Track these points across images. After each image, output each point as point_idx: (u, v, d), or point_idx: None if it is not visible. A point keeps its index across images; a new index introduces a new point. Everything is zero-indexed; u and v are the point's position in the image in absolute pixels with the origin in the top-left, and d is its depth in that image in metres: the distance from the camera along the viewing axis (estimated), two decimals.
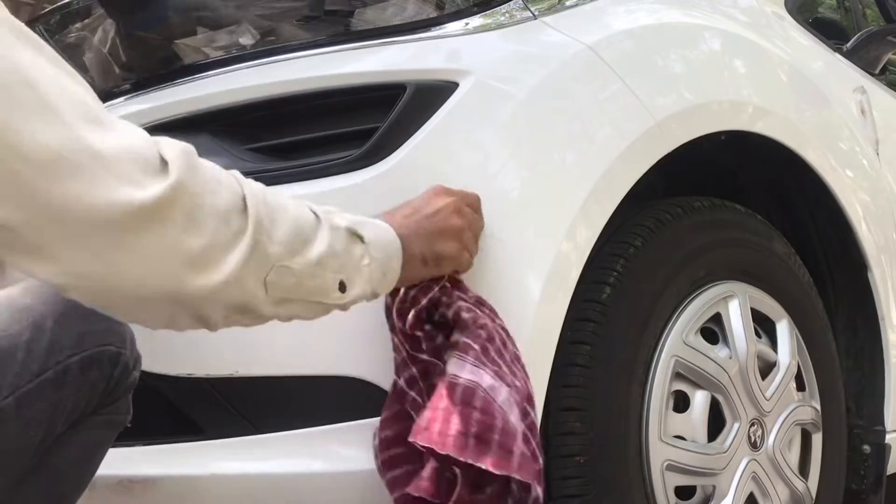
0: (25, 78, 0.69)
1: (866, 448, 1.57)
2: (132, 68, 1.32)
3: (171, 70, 1.27)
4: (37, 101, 0.68)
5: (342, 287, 0.87)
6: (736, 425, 1.28)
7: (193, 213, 0.74)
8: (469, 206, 1.04)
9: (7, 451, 0.89)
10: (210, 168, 0.79)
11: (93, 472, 1.01)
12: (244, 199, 0.79)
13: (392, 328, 1.04)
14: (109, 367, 0.95)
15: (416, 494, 0.97)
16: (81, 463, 1.00)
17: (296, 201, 0.87)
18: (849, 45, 1.90)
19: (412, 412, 1.02)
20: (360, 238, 0.89)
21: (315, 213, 0.87)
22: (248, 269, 0.78)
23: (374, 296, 0.92)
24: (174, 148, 0.76)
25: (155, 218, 0.72)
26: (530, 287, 1.08)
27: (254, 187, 0.81)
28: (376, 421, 1.05)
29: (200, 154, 0.79)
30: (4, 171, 0.67)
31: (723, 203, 1.40)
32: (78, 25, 1.39)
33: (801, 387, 1.43)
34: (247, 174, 1.11)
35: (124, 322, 0.97)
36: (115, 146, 0.71)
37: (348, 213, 0.92)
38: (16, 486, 0.92)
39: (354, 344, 1.07)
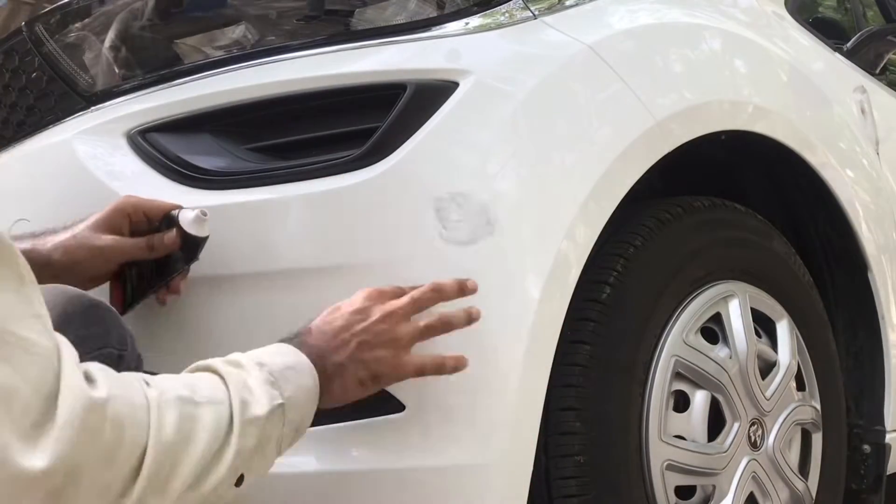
0: None
1: (866, 448, 1.57)
2: (133, 68, 1.32)
3: (171, 70, 1.27)
4: None
5: (239, 481, 0.80)
6: (736, 425, 1.28)
7: (61, 496, 0.65)
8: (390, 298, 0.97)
9: None
10: (118, 412, 0.69)
11: None
12: (143, 456, 0.71)
13: None
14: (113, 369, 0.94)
15: None
16: None
17: (211, 398, 0.78)
18: (849, 44, 1.90)
19: None
20: (281, 406, 0.83)
21: (231, 419, 0.78)
22: None
23: None
24: (74, 400, 0.66)
25: (15, 490, 0.63)
26: (530, 286, 1.08)
27: (166, 429, 0.72)
28: (380, 420, 1.05)
29: (201, 154, 0.78)
30: None
31: (723, 203, 1.40)
32: (78, 25, 1.39)
33: (801, 386, 1.43)
34: (247, 174, 1.13)
35: (123, 324, 0.96)
36: None
37: (265, 350, 0.87)
38: None
39: None
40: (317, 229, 1.10)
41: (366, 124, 1.12)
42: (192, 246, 1.09)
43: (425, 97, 1.12)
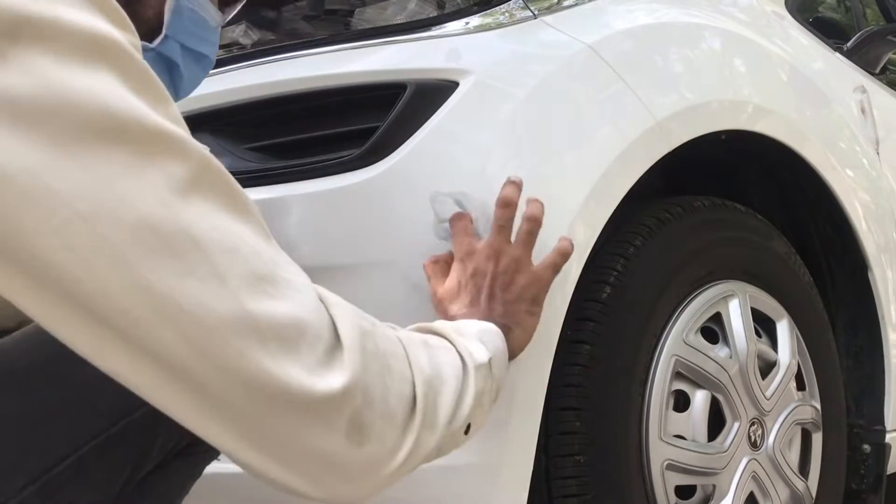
0: (189, 234, 0.60)
1: (866, 447, 1.57)
2: None
3: None
4: (201, 263, 0.60)
5: (467, 430, 0.81)
6: (736, 425, 1.28)
7: (360, 419, 0.66)
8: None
9: (85, 501, 0.80)
10: (383, 346, 0.70)
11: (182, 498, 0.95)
12: (414, 390, 0.72)
13: None
14: None
15: None
16: (171, 499, 0.93)
17: (443, 345, 0.80)
18: (849, 44, 1.90)
19: None
20: (490, 362, 0.85)
21: (459, 353, 0.81)
22: (403, 469, 0.72)
23: None
24: (350, 326, 0.67)
25: (320, 416, 0.64)
26: None
27: (420, 360, 0.74)
28: None
29: None
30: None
31: (723, 202, 1.40)
32: None
33: (801, 386, 1.43)
34: (247, 173, 1.13)
35: None
36: (286, 319, 0.63)
37: (462, 325, 0.88)
38: None
39: None
40: (316, 229, 1.10)
41: (366, 124, 1.12)
42: None
43: (425, 97, 1.12)
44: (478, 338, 0.86)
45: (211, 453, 0.94)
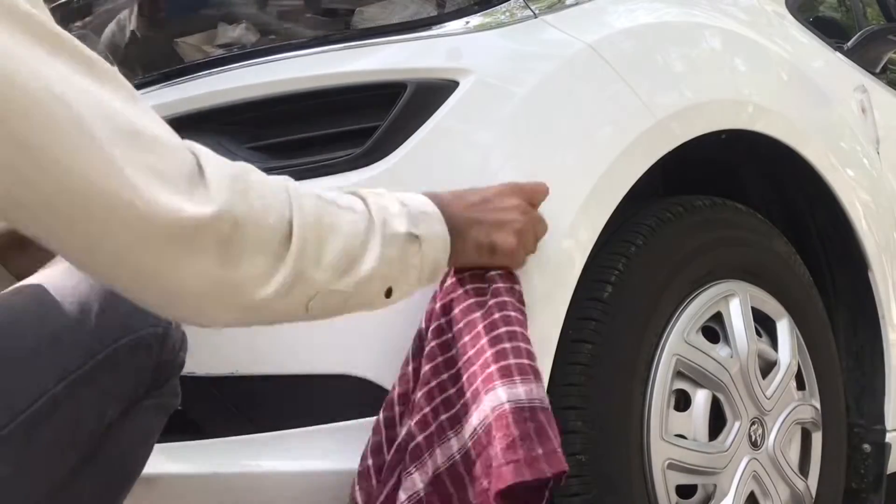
0: (55, 95, 0.67)
1: (866, 447, 1.57)
2: (133, 67, 1.32)
3: (171, 68, 1.27)
4: (70, 122, 0.67)
5: (388, 293, 0.86)
6: (737, 424, 1.28)
7: (230, 245, 0.72)
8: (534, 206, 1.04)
9: (60, 441, 0.86)
10: (260, 188, 0.76)
11: (146, 459, 0.98)
12: (290, 224, 0.77)
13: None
14: (158, 349, 0.92)
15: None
16: (136, 450, 0.97)
17: (351, 206, 0.84)
18: (849, 43, 1.90)
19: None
20: (417, 238, 0.88)
21: (370, 217, 0.85)
22: (288, 299, 0.77)
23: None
24: (217, 167, 0.74)
25: (190, 241, 0.70)
26: (531, 285, 1.08)
27: (305, 206, 0.79)
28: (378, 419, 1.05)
29: None
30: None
31: (724, 202, 1.40)
32: (78, 24, 1.39)
33: (800, 386, 1.43)
34: None
35: None
36: (154, 150, 0.71)
37: (404, 193, 0.91)
38: (70, 476, 0.88)
39: (355, 342, 1.07)
40: None
41: (366, 123, 1.12)
42: None
43: (426, 96, 1.12)
44: (407, 213, 0.89)
45: (171, 399, 0.99)
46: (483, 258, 1.00)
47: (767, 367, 1.36)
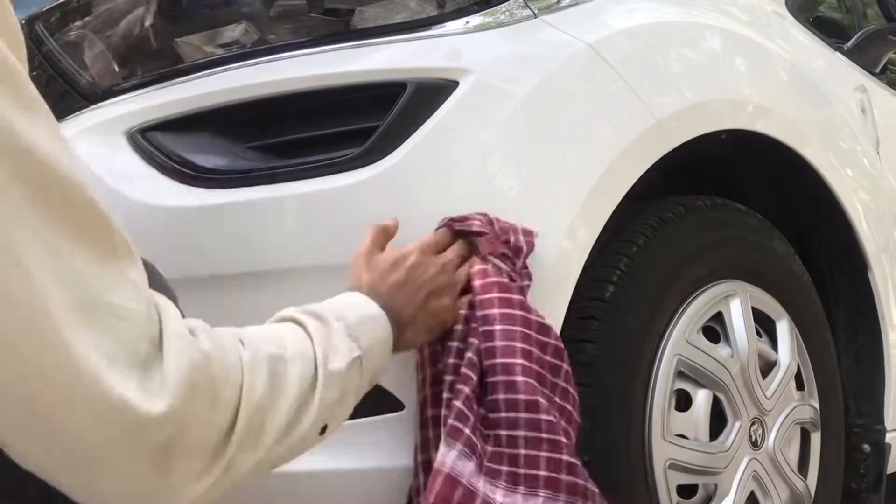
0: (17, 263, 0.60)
1: (866, 447, 1.57)
2: (133, 66, 1.32)
3: (172, 68, 1.27)
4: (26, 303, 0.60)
5: (323, 431, 0.84)
6: (737, 424, 1.28)
7: (168, 449, 0.67)
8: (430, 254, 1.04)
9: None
10: (216, 373, 0.71)
11: None
12: (235, 416, 0.72)
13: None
14: None
15: None
16: None
17: (302, 354, 0.81)
18: (849, 43, 1.90)
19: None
20: (358, 358, 0.87)
21: (315, 359, 0.82)
22: (215, 488, 0.72)
23: None
24: (179, 358, 0.67)
25: (126, 441, 0.64)
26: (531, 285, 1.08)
27: (256, 388, 0.75)
28: (380, 419, 1.05)
29: (202, 152, 0.78)
30: None
31: (724, 202, 1.40)
32: (78, 23, 1.39)
33: (800, 386, 1.43)
34: (248, 172, 1.13)
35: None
36: (112, 340, 0.64)
37: (340, 300, 0.91)
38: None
39: None
40: (317, 228, 1.10)
41: (366, 123, 1.12)
42: None
43: (425, 96, 1.12)
44: (354, 329, 0.88)
45: None
46: (435, 335, 1.02)
47: (767, 367, 1.36)
